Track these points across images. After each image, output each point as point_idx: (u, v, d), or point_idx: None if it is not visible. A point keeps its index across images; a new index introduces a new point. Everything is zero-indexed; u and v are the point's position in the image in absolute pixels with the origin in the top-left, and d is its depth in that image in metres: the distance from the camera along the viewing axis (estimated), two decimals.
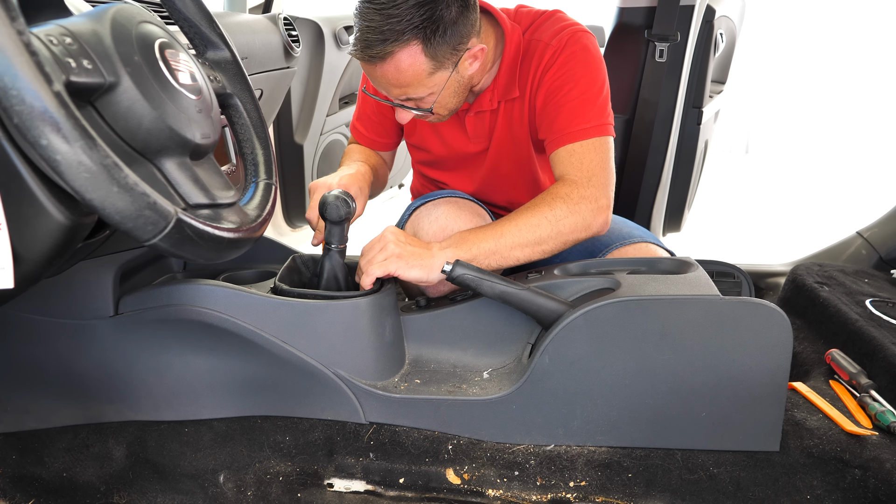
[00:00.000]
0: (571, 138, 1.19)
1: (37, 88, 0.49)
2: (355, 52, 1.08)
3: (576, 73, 1.20)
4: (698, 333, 0.95)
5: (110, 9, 0.67)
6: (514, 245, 1.11)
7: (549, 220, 1.12)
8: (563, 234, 1.13)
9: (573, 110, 1.20)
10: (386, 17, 1.02)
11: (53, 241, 0.63)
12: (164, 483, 1.01)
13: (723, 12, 2.00)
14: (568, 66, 1.21)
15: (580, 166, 1.17)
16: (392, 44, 1.04)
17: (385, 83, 1.12)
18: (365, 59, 1.08)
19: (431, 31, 1.05)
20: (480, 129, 1.32)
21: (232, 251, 0.71)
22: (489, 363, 1.09)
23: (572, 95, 1.20)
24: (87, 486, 1.01)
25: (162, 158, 0.69)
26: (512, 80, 1.25)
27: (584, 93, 1.20)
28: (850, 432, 0.99)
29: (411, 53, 1.06)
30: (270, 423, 1.04)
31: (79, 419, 1.07)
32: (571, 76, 1.20)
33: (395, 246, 1.07)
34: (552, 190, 1.16)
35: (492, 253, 1.10)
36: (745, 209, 4.30)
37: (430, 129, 1.38)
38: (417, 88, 1.12)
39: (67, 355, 1.03)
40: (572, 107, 1.20)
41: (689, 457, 0.97)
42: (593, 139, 1.19)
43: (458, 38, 1.10)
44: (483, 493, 0.97)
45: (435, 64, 1.09)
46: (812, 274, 1.61)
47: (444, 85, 1.14)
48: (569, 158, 1.18)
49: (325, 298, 1.02)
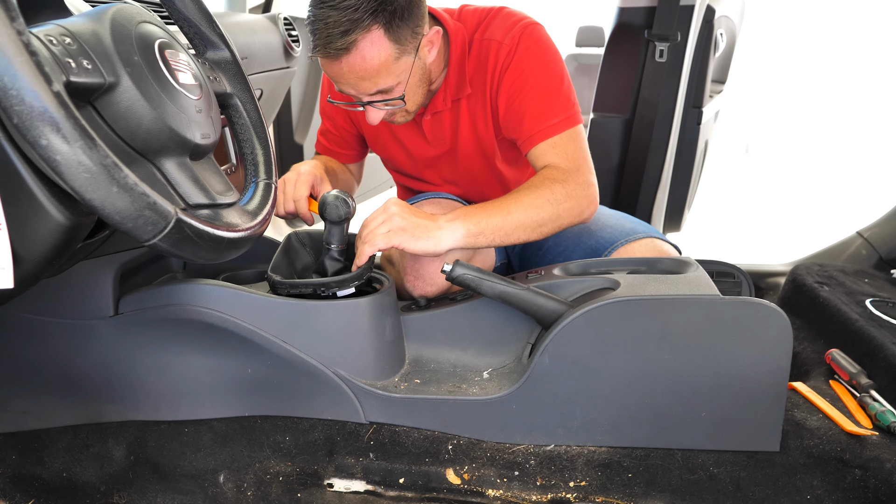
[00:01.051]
0: (546, 134, 1.20)
1: (36, 88, 0.49)
2: (317, 51, 1.07)
3: (534, 69, 1.21)
4: (698, 333, 0.94)
5: (110, 9, 0.67)
6: (519, 225, 1.11)
7: (551, 202, 1.13)
8: (560, 218, 1.14)
9: (539, 107, 1.21)
10: (342, 10, 1.02)
11: (53, 241, 0.63)
12: (164, 483, 1.01)
13: (723, 12, 2.00)
14: (524, 63, 1.21)
15: (566, 157, 1.19)
16: (354, 33, 1.04)
17: (353, 78, 1.10)
18: (330, 55, 1.06)
19: (390, 14, 1.05)
20: (439, 131, 1.32)
21: (232, 251, 0.71)
22: (489, 363, 1.09)
23: (535, 93, 1.21)
24: (87, 486, 1.01)
25: (162, 158, 0.69)
26: (462, 78, 1.26)
27: (545, 88, 1.21)
28: (850, 432, 0.99)
29: (374, 39, 1.06)
30: (270, 423, 1.04)
31: (79, 419, 1.07)
32: (531, 73, 1.21)
33: (401, 219, 1.06)
34: (547, 174, 1.16)
35: (498, 229, 1.10)
36: (745, 209, 4.30)
37: (391, 138, 1.38)
38: (386, 77, 1.11)
39: (67, 355, 1.03)
40: (538, 104, 1.21)
41: (689, 457, 0.97)
42: (569, 131, 1.20)
43: (415, 21, 1.10)
44: (483, 493, 0.97)
45: (399, 48, 1.09)
46: (812, 274, 1.61)
47: (410, 72, 1.14)
48: (552, 150, 1.19)
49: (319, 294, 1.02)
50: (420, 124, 1.32)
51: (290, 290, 1.01)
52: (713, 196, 4.15)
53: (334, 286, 1.02)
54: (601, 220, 1.35)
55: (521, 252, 1.49)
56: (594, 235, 1.31)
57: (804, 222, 3.92)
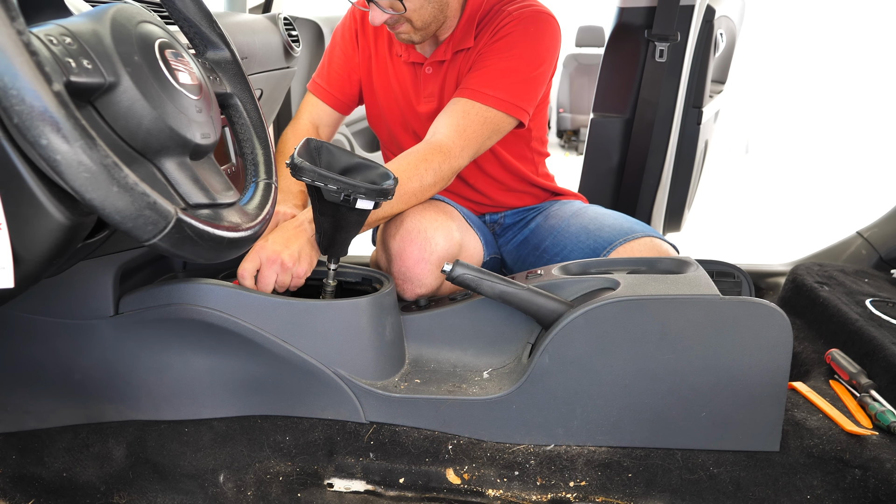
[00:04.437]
0: (473, 96, 1.22)
1: (37, 88, 0.49)
2: None
3: (517, 47, 1.24)
4: (698, 333, 0.95)
5: (110, 9, 0.67)
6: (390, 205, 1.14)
7: (419, 178, 1.16)
8: (424, 192, 1.18)
9: (492, 74, 1.23)
10: None
11: (53, 241, 0.63)
12: (164, 483, 1.01)
13: (723, 12, 2.00)
14: (514, 37, 1.24)
15: (463, 132, 1.21)
16: None
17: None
18: None
19: None
20: (432, 85, 1.34)
21: (232, 251, 0.71)
22: (489, 363, 1.09)
23: (500, 62, 1.23)
24: (87, 486, 1.01)
25: (162, 158, 0.69)
26: (468, 32, 1.29)
27: (512, 65, 1.23)
28: (850, 432, 0.99)
29: None
30: (270, 422, 1.04)
31: (79, 419, 1.07)
32: (511, 47, 1.24)
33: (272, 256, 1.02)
34: (434, 144, 1.19)
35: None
36: (745, 209, 4.30)
37: (387, 83, 1.40)
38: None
39: (67, 355, 1.03)
40: (493, 71, 1.23)
41: (689, 457, 0.97)
42: (493, 110, 1.22)
43: None
44: (483, 493, 0.97)
45: None
46: (812, 274, 1.61)
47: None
48: (460, 115, 1.21)
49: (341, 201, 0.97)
50: (419, 75, 1.35)
51: (313, 178, 0.94)
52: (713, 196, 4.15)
53: (361, 191, 0.96)
54: (599, 219, 1.35)
55: (516, 250, 1.49)
56: (592, 235, 1.31)
57: (804, 222, 3.92)
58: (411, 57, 1.35)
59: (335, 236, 1.03)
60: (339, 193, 0.95)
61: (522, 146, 1.45)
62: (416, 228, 1.18)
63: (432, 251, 1.17)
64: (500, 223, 1.53)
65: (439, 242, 1.17)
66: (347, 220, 1.01)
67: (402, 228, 1.19)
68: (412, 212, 1.21)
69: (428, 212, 1.21)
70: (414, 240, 1.17)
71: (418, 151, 1.19)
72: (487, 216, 1.53)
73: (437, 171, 1.18)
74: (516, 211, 1.52)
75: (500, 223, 1.53)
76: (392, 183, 0.99)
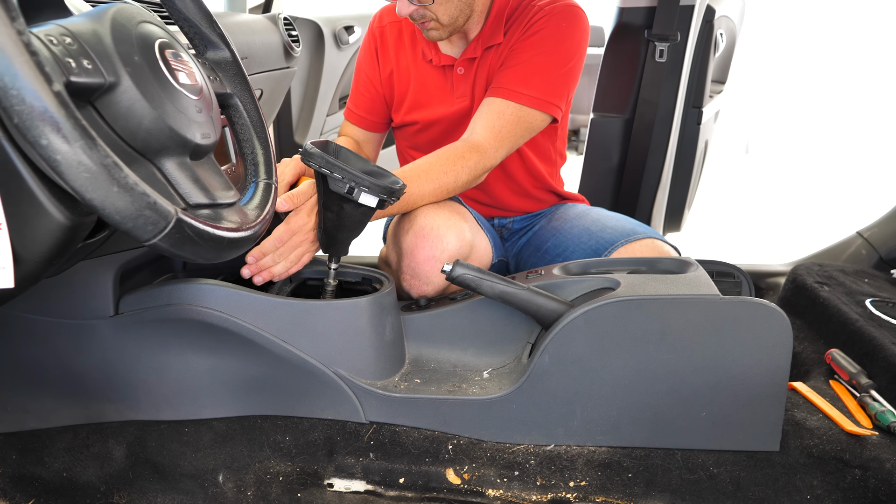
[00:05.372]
0: (508, 95, 1.23)
1: (37, 88, 0.49)
2: None
3: (548, 41, 1.24)
4: (698, 333, 0.95)
5: (110, 9, 0.67)
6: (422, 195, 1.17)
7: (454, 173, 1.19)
8: (457, 188, 1.21)
9: (524, 71, 1.24)
10: None
11: (53, 241, 0.63)
12: (164, 483, 1.01)
13: (723, 12, 2.00)
14: (544, 31, 1.25)
15: (499, 132, 1.23)
16: None
17: None
18: None
19: None
20: (464, 84, 1.35)
21: (232, 251, 0.71)
22: (489, 363, 1.09)
23: (532, 58, 1.24)
24: (87, 486, 1.01)
25: (162, 158, 0.69)
26: (497, 28, 1.30)
27: (544, 62, 1.24)
28: (850, 432, 0.99)
29: None
30: (270, 422, 1.04)
31: (79, 419, 1.07)
32: (542, 42, 1.24)
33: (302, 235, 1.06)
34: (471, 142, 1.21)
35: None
36: (745, 209, 4.29)
37: (419, 92, 1.40)
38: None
39: (67, 355, 1.03)
40: (526, 68, 1.24)
41: (689, 457, 0.97)
42: (526, 108, 1.23)
43: None
44: (483, 493, 0.97)
45: None
46: (812, 274, 1.61)
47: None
48: (496, 116, 1.23)
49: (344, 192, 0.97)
50: (451, 76, 1.35)
51: (321, 164, 0.96)
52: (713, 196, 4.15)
53: (365, 184, 0.97)
54: (601, 221, 1.35)
55: (519, 252, 1.49)
56: (594, 236, 1.31)
57: (804, 222, 3.92)
58: (442, 60, 1.35)
59: (336, 234, 1.03)
60: (344, 184, 0.96)
61: (548, 144, 1.45)
62: (430, 226, 1.18)
63: (443, 250, 1.17)
64: (507, 227, 1.53)
65: (451, 242, 1.17)
66: (350, 217, 1.01)
67: (415, 225, 1.19)
68: (425, 210, 1.21)
69: (442, 211, 1.21)
70: (426, 237, 1.17)
71: (456, 148, 1.21)
72: (496, 220, 1.53)
73: (472, 170, 1.21)
74: (525, 217, 1.52)
75: (508, 227, 1.53)
76: (400, 184, 0.99)
